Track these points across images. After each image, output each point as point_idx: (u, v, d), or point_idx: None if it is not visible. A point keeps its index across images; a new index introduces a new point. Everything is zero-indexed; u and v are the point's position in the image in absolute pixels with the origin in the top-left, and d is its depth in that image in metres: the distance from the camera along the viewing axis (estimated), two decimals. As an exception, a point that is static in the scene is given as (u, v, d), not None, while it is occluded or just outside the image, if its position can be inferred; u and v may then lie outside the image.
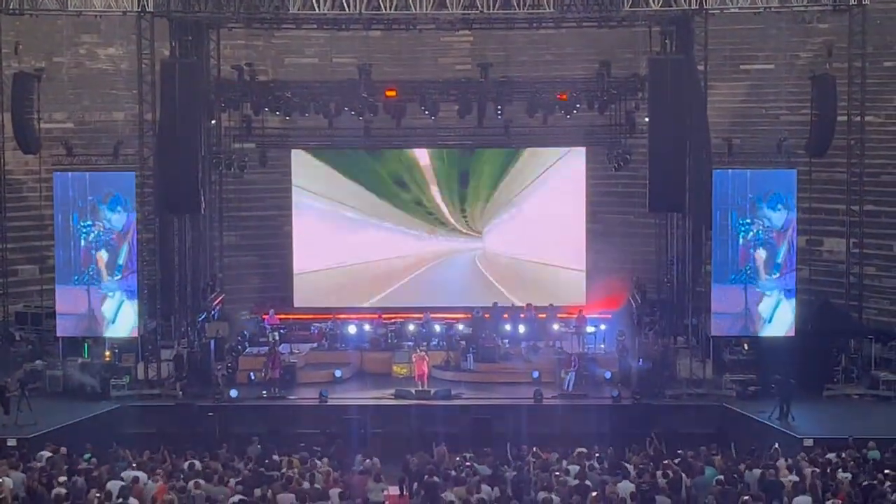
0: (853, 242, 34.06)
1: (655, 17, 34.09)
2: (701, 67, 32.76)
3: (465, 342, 34.81)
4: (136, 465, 23.44)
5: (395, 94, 36.56)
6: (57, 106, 39.81)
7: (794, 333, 31.88)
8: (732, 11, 33.63)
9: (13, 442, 26.95)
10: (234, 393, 31.51)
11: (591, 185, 39.97)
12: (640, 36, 38.03)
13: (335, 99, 36.88)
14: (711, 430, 29.49)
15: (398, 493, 24.19)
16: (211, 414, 30.28)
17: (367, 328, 35.95)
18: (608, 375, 32.86)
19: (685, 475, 22.64)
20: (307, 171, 40.09)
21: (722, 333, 32.36)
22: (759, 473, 22.54)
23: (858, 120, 33.55)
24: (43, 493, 21.48)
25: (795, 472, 22.86)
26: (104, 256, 32.16)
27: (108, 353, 32.69)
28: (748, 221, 31.89)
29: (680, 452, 24.73)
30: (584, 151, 39.64)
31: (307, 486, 21.96)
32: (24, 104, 34.17)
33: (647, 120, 34.18)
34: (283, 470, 23.39)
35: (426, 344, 34.64)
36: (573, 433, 28.05)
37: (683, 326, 34.05)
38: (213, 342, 33.69)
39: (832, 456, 24.21)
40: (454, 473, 22.98)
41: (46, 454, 24.15)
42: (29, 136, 34.43)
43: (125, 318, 32.27)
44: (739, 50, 41.66)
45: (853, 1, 32.67)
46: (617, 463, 23.68)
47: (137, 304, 32.37)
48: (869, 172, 35.06)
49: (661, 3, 32.33)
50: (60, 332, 32.66)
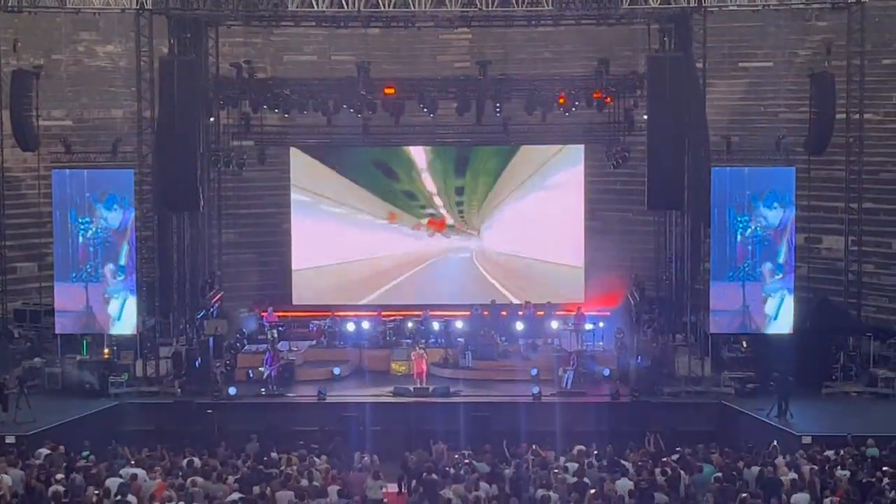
0: (852, 240, 34.07)
1: (654, 14, 34.09)
2: (700, 65, 32.74)
3: (463, 340, 34.86)
4: (134, 462, 23.44)
5: (393, 91, 36.52)
6: (56, 103, 39.79)
7: (792, 331, 31.90)
8: (731, 9, 33.65)
9: (12, 439, 26.98)
10: (232, 390, 31.51)
11: (589, 182, 39.97)
12: (638, 33, 37.99)
13: (334, 96, 36.83)
14: (710, 427, 29.51)
15: (397, 490, 24.15)
16: (209, 411, 30.24)
17: (365, 326, 35.89)
18: (607, 373, 32.84)
19: (684, 472, 22.66)
20: (305, 170, 40.05)
21: (720, 331, 32.36)
22: (757, 471, 22.59)
23: (857, 117, 33.54)
24: (41, 490, 21.47)
25: (794, 469, 22.85)
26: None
27: (106, 350, 32.69)
28: (746, 219, 31.89)
29: (678, 450, 24.74)
30: (582, 149, 39.66)
31: (306, 483, 21.96)
32: (22, 101, 34.15)
33: (645, 117, 34.16)
34: (281, 467, 23.37)
35: (425, 342, 34.59)
36: (572, 431, 27.95)
37: (682, 324, 34.05)
38: (211, 340, 33.66)
39: (830, 453, 24.22)
40: (453, 471, 22.96)
41: (45, 451, 24.13)
42: (28, 133, 34.41)
43: (129, 314, 32.26)
44: (738, 47, 41.62)
45: (852, -2, 32.73)
46: (615, 460, 23.68)
47: (136, 298, 32.38)
48: (868, 170, 35.06)
49: (659, 0, 32.32)
50: (59, 329, 32.64)
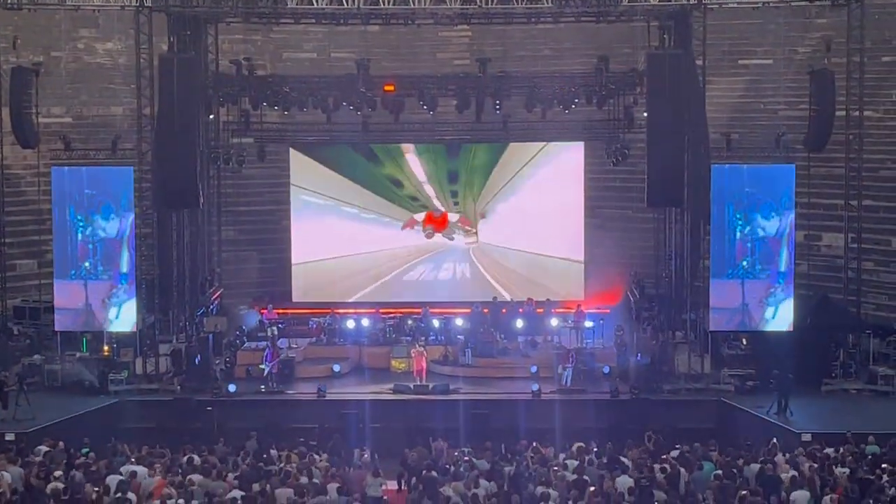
0: (851, 237, 33.99)
1: (654, 11, 34.07)
2: (699, 62, 32.73)
3: (463, 337, 34.86)
4: (134, 459, 23.49)
5: (393, 88, 36.50)
6: (55, 100, 39.75)
7: (792, 328, 31.90)
8: (731, 6, 33.68)
9: (11, 436, 26.98)
10: (232, 388, 31.51)
11: (589, 179, 39.96)
12: (638, 31, 37.95)
13: (333, 94, 36.81)
14: (710, 424, 29.51)
15: (396, 487, 24.15)
16: (209, 408, 30.26)
17: (365, 323, 35.90)
18: (606, 370, 32.85)
19: (683, 470, 22.67)
20: (304, 169, 40.02)
21: (720, 328, 32.37)
22: (757, 468, 22.62)
23: (857, 115, 33.46)
24: (41, 487, 21.48)
25: (793, 466, 22.86)
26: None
27: (106, 347, 32.68)
28: (744, 221, 31.82)
29: (678, 447, 24.74)
30: (582, 146, 39.64)
31: (305, 480, 21.97)
32: (22, 98, 34.09)
33: (645, 115, 34.15)
34: (281, 465, 23.42)
35: (424, 339, 34.64)
36: (571, 428, 27.97)
37: (682, 321, 34.02)
38: (211, 337, 33.66)
39: (830, 451, 24.25)
40: (452, 468, 23.01)
41: (44, 448, 24.16)
42: (27, 130, 34.35)
43: (128, 312, 32.22)
44: (738, 45, 41.62)
45: (851, -4, 32.69)
46: (615, 458, 23.71)
47: (136, 299, 32.36)
48: (867, 167, 35.01)
49: (659, -3, 32.36)
50: (59, 326, 32.62)
